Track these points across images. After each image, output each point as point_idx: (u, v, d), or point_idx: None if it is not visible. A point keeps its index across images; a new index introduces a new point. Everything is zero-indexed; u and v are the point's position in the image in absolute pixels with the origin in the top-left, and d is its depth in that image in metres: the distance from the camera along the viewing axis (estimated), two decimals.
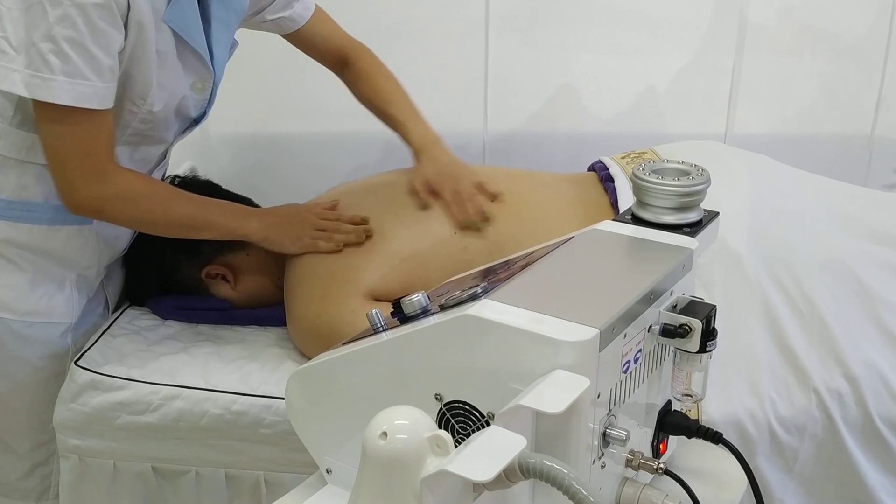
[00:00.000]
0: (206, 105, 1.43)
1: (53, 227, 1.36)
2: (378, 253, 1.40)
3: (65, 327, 1.42)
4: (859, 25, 2.09)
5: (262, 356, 1.42)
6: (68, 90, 1.18)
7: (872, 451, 1.33)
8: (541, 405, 0.70)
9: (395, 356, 0.85)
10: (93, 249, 1.43)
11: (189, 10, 1.29)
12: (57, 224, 1.36)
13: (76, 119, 1.21)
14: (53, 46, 1.15)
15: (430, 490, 0.65)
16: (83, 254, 1.42)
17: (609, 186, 1.52)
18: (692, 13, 2.06)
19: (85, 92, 1.19)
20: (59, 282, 1.40)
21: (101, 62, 1.19)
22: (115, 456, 1.37)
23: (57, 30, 1.15)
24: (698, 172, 0.99)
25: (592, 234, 0.98)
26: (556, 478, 0.64)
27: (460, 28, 2.04)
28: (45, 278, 1.38)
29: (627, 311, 0.81)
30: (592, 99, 2.13)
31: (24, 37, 1.16)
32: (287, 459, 1.32)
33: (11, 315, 1.36)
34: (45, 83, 1.17)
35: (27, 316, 1.37)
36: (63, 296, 1.41)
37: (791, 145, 2.10)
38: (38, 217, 1.34)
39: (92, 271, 1.45)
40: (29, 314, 1.37)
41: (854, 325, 1.35)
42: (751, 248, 1.38)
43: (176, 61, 1.31)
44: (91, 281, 1.47)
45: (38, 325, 1.39)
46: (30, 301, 1.37)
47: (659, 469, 0.88)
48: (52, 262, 1.38)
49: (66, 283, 1.41)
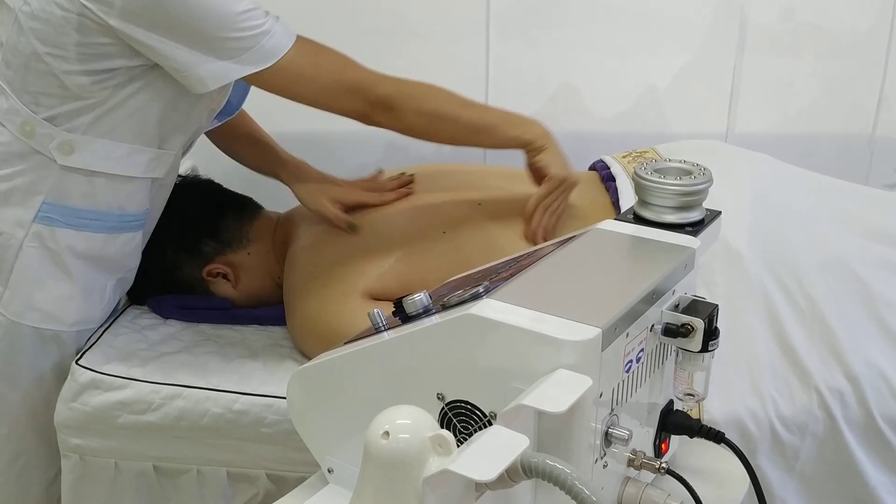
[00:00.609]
0: None
1: (112, 235, 1.35)
2: (374, 253, 1.40)
3: (91, 332, 1.42)
4: (860, 25, 2.09)
5: (264, 355, 1.42)
6: (273, 45, 1.21)
7: (874, 450, 1.33)
8: (543, 405, 0.70)
9: (396, 356, 0.85)
10: (139, 253, 1.44)
11: None
12: (116, 232, 1.36)
13: (305, 52, 1.25)
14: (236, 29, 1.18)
15: (432, 490, 0.65)
16: (132, 258, 1.42)
17: (610, 185, 1.52)
18: (693, 12, 2.06)
19: (282, 34, 1.22)
20: (102, 289, 1.40)
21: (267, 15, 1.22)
22: (116, 455, 1.37)
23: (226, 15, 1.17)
24: (700, 172, 0.99)
25: (594, 234, 0.98)
26: (558, 477, 0.63)
27: (461, 27, 2.04)
28: (95, 287, 1.38)
29: (630, 311, 0.81)
30: (593, 98, 2.12)
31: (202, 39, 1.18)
32: (288, 459, 1.32)
33: (62, 326, 1.35)
34: (256, 55, 1.20)
35: (75, 325, 1.37)
36: (104, 302, 1.42)
37: (792, 144, 2.10)
38: (100, 226, 1.33)
39: (132, 274, 1.46)
40: (76, 323, 1.37)
41: (855, 324, 1.35)
42: (752, 247, 1.38)
43: None
44: (126, 285, 1.47)
45: (79, 333, 1.39)
46: (81, 311, 1.37)
47: (661, 468, 0.88)
48: (102, 269, 1.38)
49: (107, 289, 1.41)
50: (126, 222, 1.36)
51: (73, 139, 1.26)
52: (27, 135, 1.25)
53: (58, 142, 1.25)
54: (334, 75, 1.29)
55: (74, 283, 1.35)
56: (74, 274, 1.34)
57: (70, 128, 1.25)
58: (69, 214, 1.31)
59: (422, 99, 1.32)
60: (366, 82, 1.29)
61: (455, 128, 1.34)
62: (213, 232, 1.54)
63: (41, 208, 1.28)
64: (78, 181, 1.29)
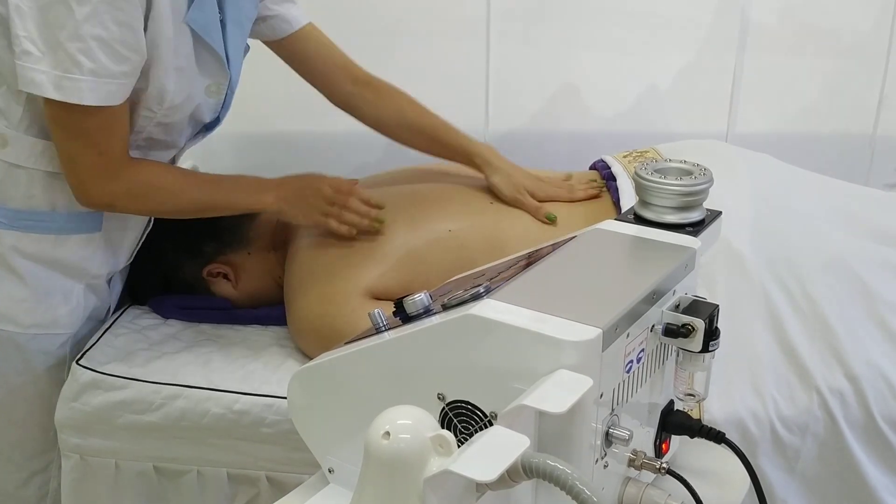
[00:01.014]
0: (220, 110, 1.42)
1: (61, 237, 1.34)
2: (376, 252, 1.40)
3: (65, 338, 1.40)
4: (861, 24, 2.09)
5: (264, 355, 1.42)
6: (95, 90, 1.16)
7: (874, 451, 1.33)
8: (544, 405, 0.70)
9: (397, 356, 0.85)
10: (101, 258, 1.41)
11: (210, 13, 1.27)
12: (65, 233, 1.34)
13: (95, 118, 1.19)
14: (82, 45, 1.13)
15: (432, 490, 0.65)
16: (92, 263, 1.39)
17: (611, 185, 1.52)
18: (694, 12, 2.06)
19: (110, 90, 1.17)
20: (66, 293, 1.38)
21: (128, 59, 1.17)
22: (117, 455, 1.37)
23: (85, 28, 1.12)
24: (701, 172, 0.99)
25: (595, 234, 0.98)
26: (559, 478, 0.63)
27: (462, 27, 2.04)
28: (52, 290, 1.36)
29: (630, 311, 0.81)
30: (594, 98, 2.12)
31: (49, 36, 1.13)
32: (289, 459, 1.32)
33: (16, 328, 1.34)
34: (73, 84, 1.14)
35: (32, 328, 1.35)
36: (69, 307, 1.39)
37: (793, 144, 2.10)
38: (46, 227, 1.32)
39: (100, 280, 1.44)
40: (34, 326, 1.36)
41: (856, 324, 1.35)
42: (753, 247, 1.38)
43: (193, 64, 1.29)
44: (99, 291, 1.45)
45: (42, 337, 1.37)
46: (35, 314, 1.35)
47: (661, 469, 0.88)
48: (61, 273, 1.36)
49: (72, 294, 1.39)
50: (71, 224, 1.33)
51: (6, 133, 1.26)
52: None
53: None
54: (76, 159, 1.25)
55: (25, 285, 1.33)
56: (25, 276, 1.32)
57: (2, 121, 1.25)
58: (11, 216, 1.30)
59: (143, 199, 1.32)
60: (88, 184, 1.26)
61: (184, 215, 1.40)
62: (213, 232, 1.53)
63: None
64: (17, 180, 1.28)
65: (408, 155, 1.97)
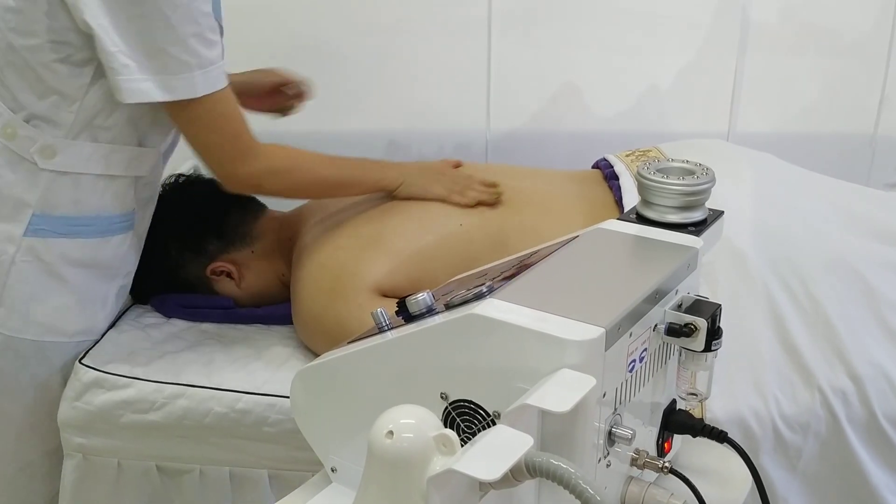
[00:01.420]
0: None
1: (104, 239, 1.35)
2: (385, 248, 1.40)
3: (95, 341, 1.42)
4: (862, 24, 2.09)
5: (267, 354, 1.42)
6: (204, 80, 1.22)
7: (876, 450, 1.33)
8: (547, 404, 0.70)
9: (400, 355, 0.85)
10: (135, 254, 1.44)
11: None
12: (109, 234, 1.36)
13: (215, 106, 1.25)
14: (183, 46, 1.18)
15: (436, 489, 0.65)
16: (127, 260, 1.42)
17: (614, 184, 1.52)
18: (695, 12, 2.06)
19: (216, 76, 1.24)
20: (104, 298, 1.40)
21: (216, 42, 1.24)
22: (120, 454, 1.37)
23: (181, 29, 1.17)
24: (703, 171, 0.99)
25: (597, 234, 0.98)
26: (562, 477, 0.64)
27: (463, 26, 2.04)
28: (94, 295, 1.38)
29: (633, 310, 0.81)
30: (595, 97, 2.13)
31: (149, 45, 1.17)
32: (291, 458, 1.32)
33: (62, 337, 1.35)
34: (185, 83, 1.20)
35: (77, 336, 1.37)
36: (105, 312, 1.42)
37: (793, 144, 2.10)
38: (92, 230, 1.33)
39: (129, 279, 1.46)
40: (78, 334, 1.37)
41: (858, 323, 1.35)
42: (755, 246, 1.38)
43: None
44: (124, 292, 1.47)
45: (83, 343, 1.39)
46: (79, 321, 1.37)
47: (664, 468, 0.88)
48: (102, 276, 1.38)
49: (108, 298, 1.41)
50: (116, 224, 1.36)
51: (55, 143, 1.26)
52: (8, 137, 1.25)
53: (39, 145, 1.25)
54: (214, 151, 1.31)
55: (72, 293, 1.34)
56: (71, 282, 1.33)
57: (51, 130, 1.25)
58: (59, 223, 1.30)
59: (285, 176, 1.37)
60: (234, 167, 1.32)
61: (319, 193, 1.50)
62: (217, 230, 1.54)
63: (31, 221, 1.28)
64: (64, 187, 1.29)
65: (408, 153, 1.97)
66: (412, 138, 2.09)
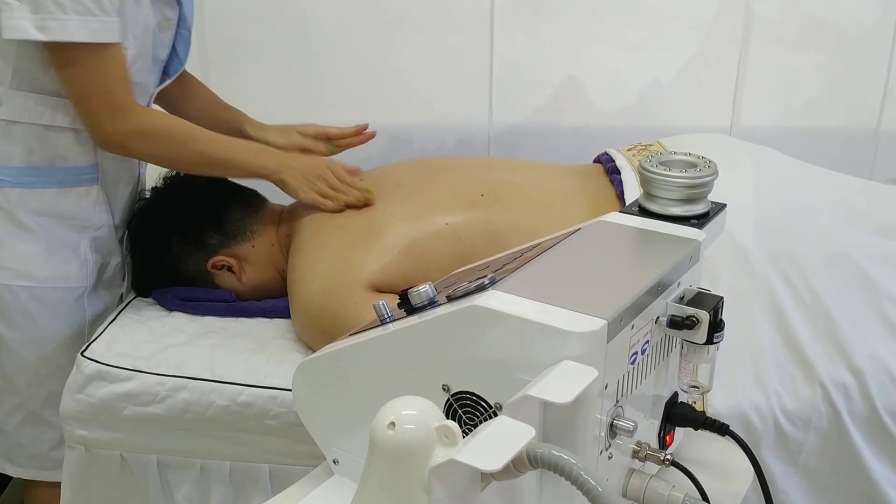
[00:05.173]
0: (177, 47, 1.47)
1: (63, 190, 1.40)
2: (377, 245, 1.40)
3: (80, 291, 1.46)
4: (865, 18, 2.09)
5: (269, 347, 1.42)
6: (81, 27, 1.24)
7: (877, 444, 1.33)
8: (548, 396, 0.70)
9: (402, 347, 0.85)
10: (103, 208, 1.47)
11: None
12: (66, 186, 1.40)
13: (93, 56, 1.28)
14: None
15: (438, 480, 0.65)
16: (94, 213, 1.46)
17: (615, 178, 1.52)
18: (698, 6, 2.06)
19: (96, 28, 1.26)
20: (74, 246, 1.44)
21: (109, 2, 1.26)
22: (122, 447, 1.37)
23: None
24: (705, 164, 0.99)
25: (600, 226, 0.98)
26: (564, 468, 0.64)
27: (465, 20, 2.04)
28: (61, 243, 1.42)
29: (635, 303, 0.81)
30: (598, 92, 2.12)
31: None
32: (293, 451, 1.32)
33: (33, 282, 1.40)
34: (59, 24, 1.23)
35: (48, 282, 1.41)
36: (78, 260, 1.45)
37: (796, 138, 2.10)
38: (47, 181, 1.38)
39: (104, 231, 1.49)
40: (50, 280, 1.41)
41: (859, 318, 1.35)
42: (756, 240, 1.38)
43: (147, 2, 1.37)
44: (106, 241, 1.51)
45: (59, 290, 1.43)
46: (49, 266, 1.41)
47: (665, 460, 0.88)
48: (66, 226, 1.42)
49: (80, 247, 1.45)
50: (75, 176, 1.40)
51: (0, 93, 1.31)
52: None
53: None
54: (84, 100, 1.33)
55: (38, 239, 1.39)
56: (36, 230, 1.39)
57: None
58: (14, 173, 1.36)
59: (154, 141, 1.38)
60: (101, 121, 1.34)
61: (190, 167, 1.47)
62: (217, 224, 1.54)
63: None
64: (15, 137, 1.34)
65: (410, 148, 1.97)
66: (414, 133, 2.09)
